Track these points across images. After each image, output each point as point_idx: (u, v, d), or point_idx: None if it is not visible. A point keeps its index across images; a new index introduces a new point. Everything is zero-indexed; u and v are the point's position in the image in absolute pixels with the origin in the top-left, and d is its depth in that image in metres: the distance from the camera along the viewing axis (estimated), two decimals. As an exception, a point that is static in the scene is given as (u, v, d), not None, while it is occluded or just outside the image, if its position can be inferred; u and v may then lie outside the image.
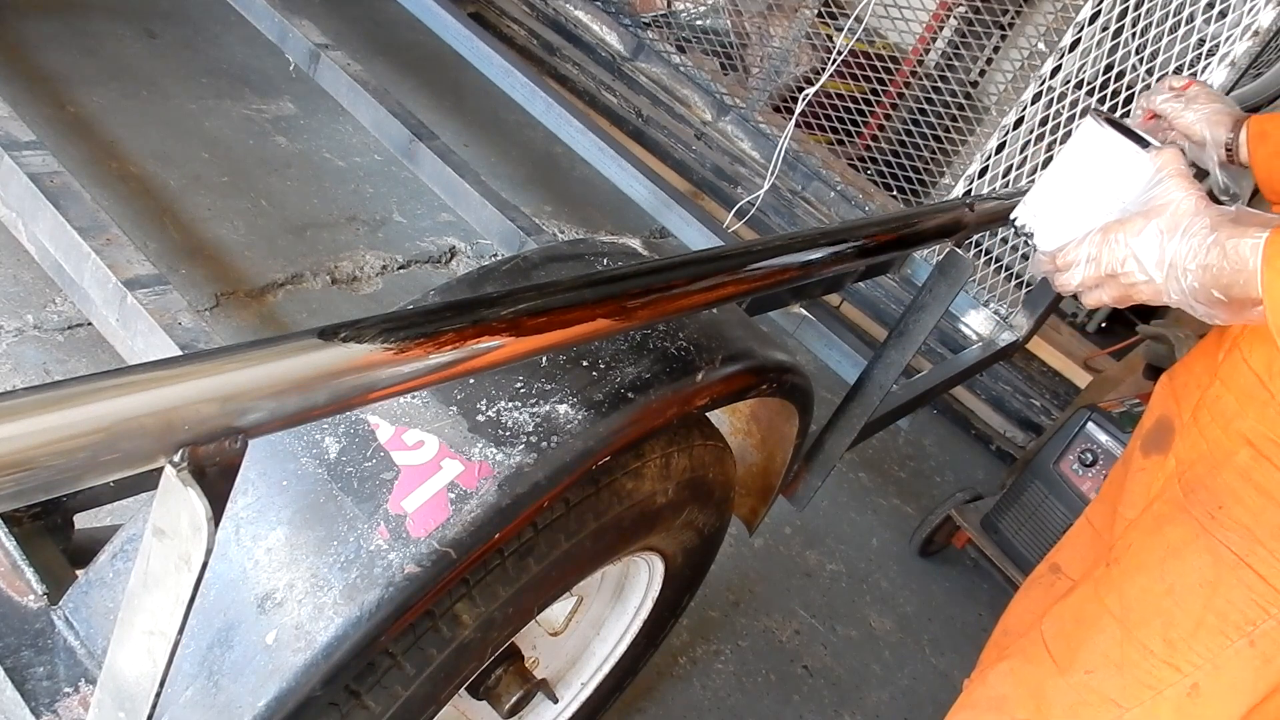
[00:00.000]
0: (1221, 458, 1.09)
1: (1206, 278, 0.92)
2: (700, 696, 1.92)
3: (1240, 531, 1.06)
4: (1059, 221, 1.11)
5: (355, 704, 0.85)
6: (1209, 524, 1.08)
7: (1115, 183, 1.06)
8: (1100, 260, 1.00)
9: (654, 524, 1.13)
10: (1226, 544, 1.06)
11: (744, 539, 2.26)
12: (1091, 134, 1.12)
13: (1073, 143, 1.15)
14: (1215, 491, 1.09)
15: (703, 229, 2.08)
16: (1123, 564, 1.15)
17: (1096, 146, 1.11)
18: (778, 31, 3.26)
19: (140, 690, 0.62)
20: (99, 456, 0.50)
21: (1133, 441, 1.34)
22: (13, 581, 0.88)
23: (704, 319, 1.09)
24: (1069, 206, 1.11)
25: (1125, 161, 1.06)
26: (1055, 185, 1.15)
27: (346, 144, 2.88)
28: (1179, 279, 0.94)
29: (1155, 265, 0.95)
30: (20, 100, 2.35)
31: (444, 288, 1.00)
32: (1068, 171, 1.14)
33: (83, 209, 1.30)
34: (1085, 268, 1.02)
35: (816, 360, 2.11)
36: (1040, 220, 1.15)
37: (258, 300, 2.22)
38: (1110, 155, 1.08)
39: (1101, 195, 1.08)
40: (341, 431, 0.86)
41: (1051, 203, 1.14)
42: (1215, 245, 0.91)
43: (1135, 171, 1.05)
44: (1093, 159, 1.10)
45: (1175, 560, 1.10)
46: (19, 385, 1.69)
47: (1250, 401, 1.08)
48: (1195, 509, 1.10)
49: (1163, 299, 0.97)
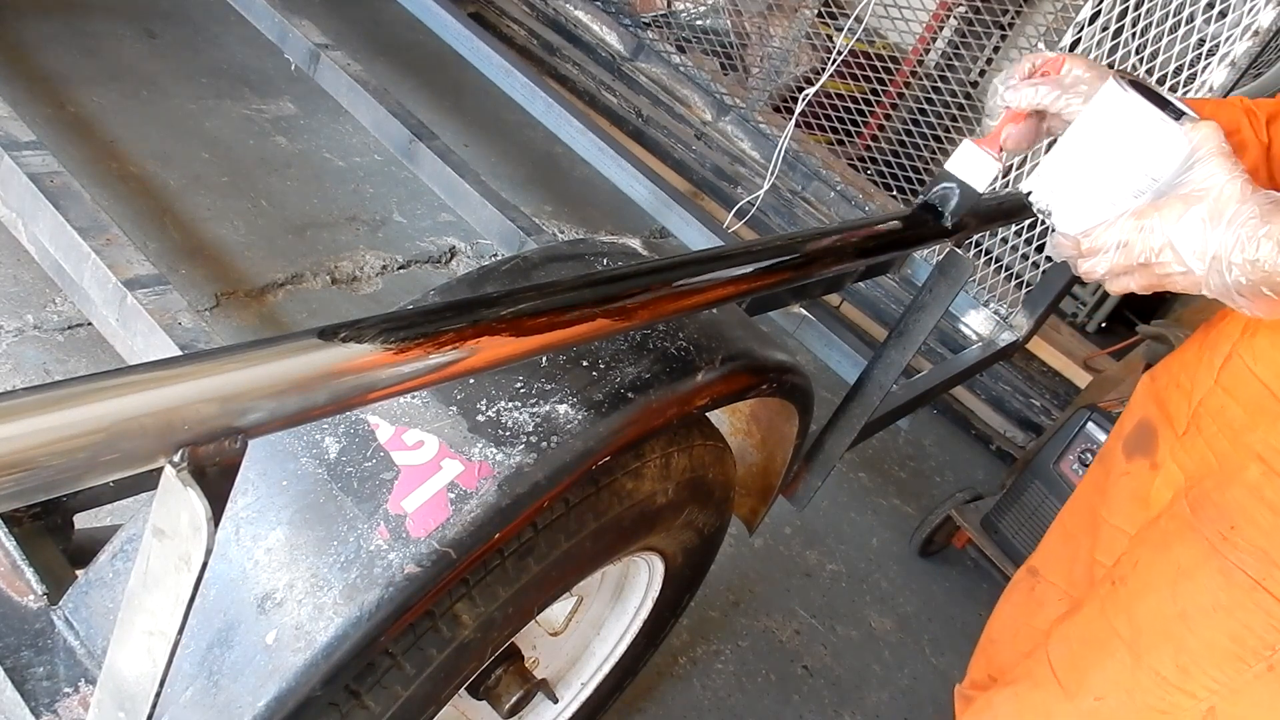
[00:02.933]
0: (1231, 473, 1.05)
1: (1255, 273, 0.85)
2: (700, 696, 1.92)
3: (1254, 553, 1.01)
4: (1081, 199, 0.99)
5: (355, 704, 0.85)
6: (1221, 545, 1.03)
7: (1144, 157, 0.95)
8: (1132, 248, 0.92)
9: (654, 524, 1.13)
10: (1241, 566, 1.02)
11: (744, 539, 2.26)
12: (1115, 100, 0.98)
13: (1093, 108, 1.01)
14: (1225, 510, 1.04)
15: (703, 229, 2.08)
16: (1130, 584, 1.11)
17: (1121, 114, 0.97)
18: (778, 31, 3.26)
19: (140, 690, 0.62)
20: (99, 456, 0.50)
21: (1111, 443, 1.30)
22: (13, 581, 0.88)
23: (704, 319, 1.09)
24: (1091, 181, 0.99)
25: (1155, 134, 0.95)
26: (1074, 156, 1.02)
27: (346, 144, 2.88)
28: (1223, 272, 0.86)
29: (1196, 256, 0.88)
30: (20, 100, 2.35)
31: (444, 288, 1.00)
32: (1088, 141, 1.00)
33: (83, 209, 1.30)
34: (1115, 254, 0.94)
35: (816, 360, 2.11)
36: (1059, 196, 1.02)
37: (258, 300, 2.22)
38: (1138, 125, 0.96)
39: (1128, 170, 0.96)
40: (341, 431, 0.86)
41: (1070, 176, 1.01)
42: (1268, 240, 0.84)
43: (1167, 145, 0.94)
44: (1117, 128, 0.97)
45: (1187, 582, 1.05)
46: (19, 385, 1.69)
47: (1261, 414, 1.04)
48: (1205, 528, 1.05)
49: (1201, 290, 0.90)
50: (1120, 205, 0.96)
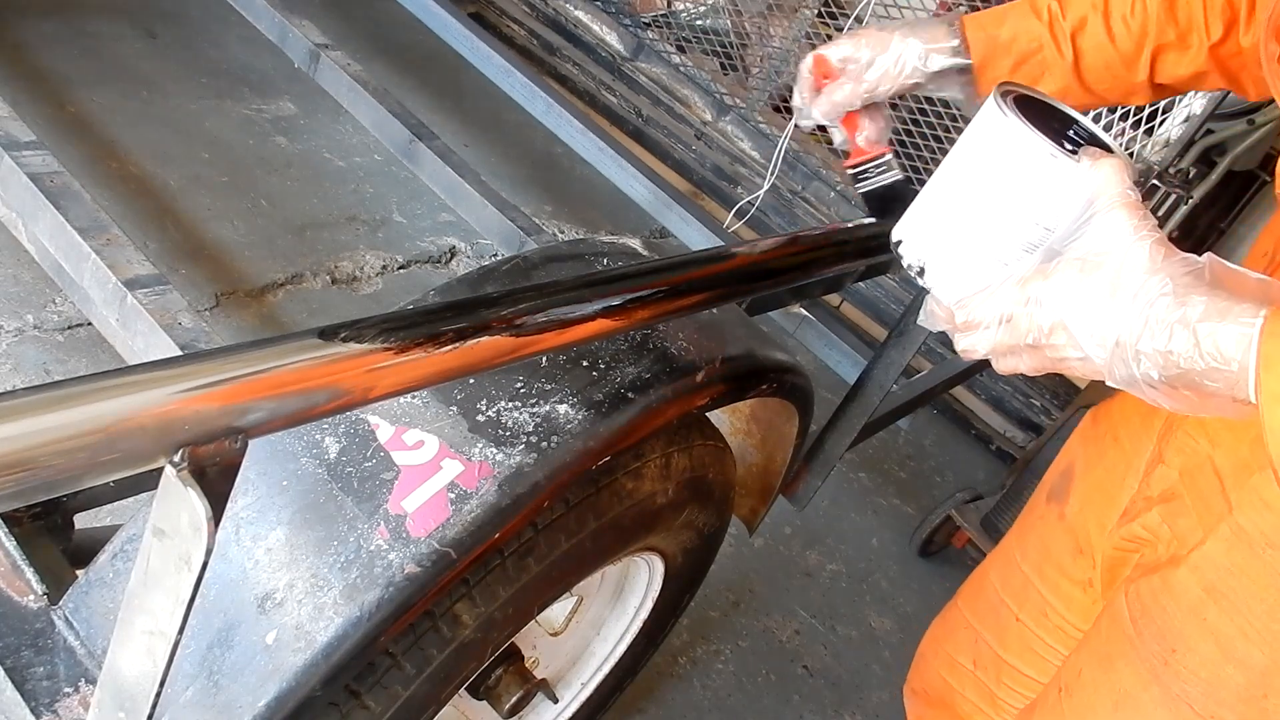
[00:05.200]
0: (1171, 585, 0.91)
1: (1169, 368, 0.66)
2: (700, 696, 1.92)
3: (1198, 685, 0.89)
4: (959, 255, 0.79)
5: (355, 704, 0.86)
6: (1162, 671, 0.91)
7: (1033, 200, 0.75)
8: (1018, 325, 0.73)
9: (654, 524, 1.13)
10: (1185, 699, 0.89)
11: (744, 539, 2.26)
12: (994, 126, 0.77)
13: (968, 137, 0.80)
14: (1166, 631, 0.90)
15: (703, 229, 2.08)
16: (1075, 698, 1.01)
17: (1002, 144, 0.76)
18: (778, 31, 3.26)
19: (140, 690, 0.62)
20: (99, 456, 0.50)
21: (1045, 478, 1.20)
22: (13, 581, 0.88)
23: (704, 319, 1.09)
24: (970, 232, 0.78)
25: (1044, 171, 0.74)
26: (947, 198, 0.81)
27: (346, 144, 2.88)
28: (1129, 362, 0.68)
29: (1095, 342, 0.69)
30: (20, 100, 2.35)
31: (444, 288, 1.00)
32: (964, 179, 0.80)
33: (83, 209, 1.30)
34: (997, 331, 0.75)
35: (816, 360, 2.11)
36: (933, 251, 0.81)
37: (258, 300, 2.22)
38: (1022, 159, 0.75)
39: (1015, 218, 0.76)
40: (341, 431, 0.86)
41: (944, 225, 0.80)
42: (1183, 327, 0.65)
43: (1061, 185, 0.74)
44: (998, 163, 0.77)
45: (1129, 707, 0.94)
46: (19, 385, 1.69)
47: (1208, 515, 0.89)
48: (1145, 647, 0.92)
49: (1104, 379, 0.71)
50: (1008, 263, 0.77)
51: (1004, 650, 1.19)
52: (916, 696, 1.38)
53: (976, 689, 1.24)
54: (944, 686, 1.28)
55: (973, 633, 1.24)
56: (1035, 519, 1.18)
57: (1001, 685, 1.20)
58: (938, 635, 1.34)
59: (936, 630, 1.36)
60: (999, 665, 1.20)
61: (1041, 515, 1.16)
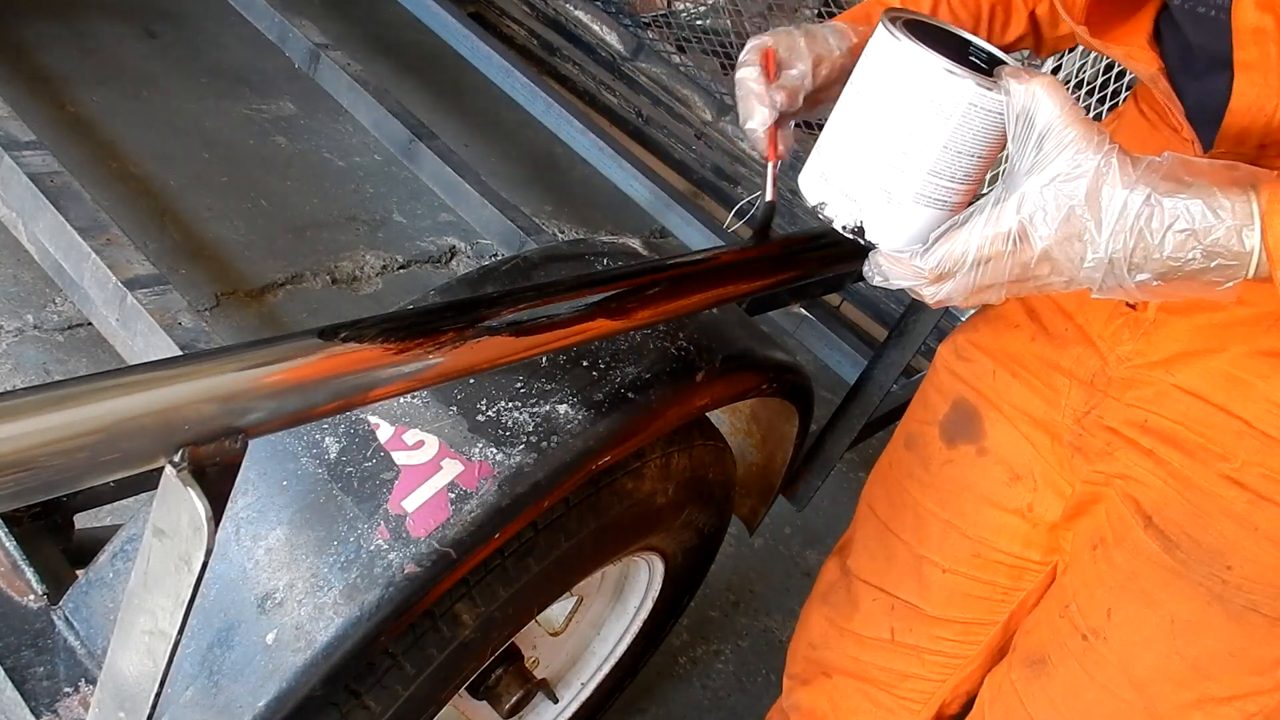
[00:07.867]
0: (1208, 507, 0.93)
1: (1169, 273, 0.67)
2: (700, 696, 1.92)
3: (1266, 591, 0.92)
4: (893, 205, 0.74)
5: (355, 704, 0.86)
6: (1221, 590, 0.93)
7: (955, 130, 0.71)
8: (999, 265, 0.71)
9: (654, 524, 1.13)
10: (1254, 608, 0.92)
11: (744, 539, 2.26)
12: (887, 52, 0.72)
13: (862, 67, 0.75)
14: (1215, 552, 0.93)
15: (703, 229, 2.08)
16: (1113, 640, 1.01)
17: (901, 71, 0.71)
18: (778, 31, 3.26)
19: (140, 690, 0.62)
20: (99, 456, 0.50)
21: (918, 427, 1.16)
22: (13, 581, 0.88)
23: (704, 319, 1.09)
24: (897, 174, 0.73)
25: (954, 94, 0.70)
26: (863, 143, 0.75)
27: (346, 144, 2.88)
28: (1122, 276, 0.68)
29: (1087, 268, 0.68)
30: (20, 100, 2.35)
31: (444, 288, 1.00)
32: (875, 117, 0.74)
33: (83, 209, 1.30)
34: (974, 275, 0.72)
35: (816, 360, 2.11)
36: (864, 207, 0.75)
37: (258, 300, 2.22)
38: (929, 88, 0.70)
39: (945, 150, 0.72)
40: (341, 431, 0.86)
41: (866, 172, 0.75)
42: (1179, 233, 0.66)
43: (978, 109, 0.70)
44: (901, 91, 0.71)
45: (1190, 632, 0.96)
46: (19, 385, 1.69)
47: (1231, 439, 0.91)
48: (1193, 572, 0.94)
49: (1089, 292, 0.71)
50: (949, 201, 0.74)
51: (932, 607, 1.17)
52: (806, 685, 1.33)
53: (899, 657, 1.21)
54: (854, 664, 1.25)
55: (886, 602, 1.20)
56: (939, 466, 1.13)
57: (935, 639, 1.19)
58: (833, 619, 1.27)
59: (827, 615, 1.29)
60: (928, 623, 1.18)
61: (948, 459, 1.12)
